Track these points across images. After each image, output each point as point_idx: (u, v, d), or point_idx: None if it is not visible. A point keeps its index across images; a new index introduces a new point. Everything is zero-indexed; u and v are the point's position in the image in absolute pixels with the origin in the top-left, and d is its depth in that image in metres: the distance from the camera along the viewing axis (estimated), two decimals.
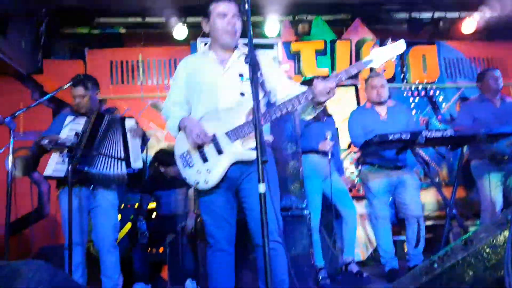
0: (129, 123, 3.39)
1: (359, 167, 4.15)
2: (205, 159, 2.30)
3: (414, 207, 3.76)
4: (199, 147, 2.31)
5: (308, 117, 2.40)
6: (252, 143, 2.29)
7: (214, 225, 2.38)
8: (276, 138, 2.99)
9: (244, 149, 2.26)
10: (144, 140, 3.46)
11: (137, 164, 3.28)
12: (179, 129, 2.42)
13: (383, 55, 2.21)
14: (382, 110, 3.92)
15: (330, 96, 2.17)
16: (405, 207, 3.79)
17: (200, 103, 2.40)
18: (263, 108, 2.40)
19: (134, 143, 3.33)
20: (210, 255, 2.41)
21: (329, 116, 4.18)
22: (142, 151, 3.47)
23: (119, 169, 3.25)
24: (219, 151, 2.28)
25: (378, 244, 3.94)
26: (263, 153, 1.68)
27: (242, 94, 2.30)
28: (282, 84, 2.42)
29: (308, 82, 3.01)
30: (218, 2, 2.35)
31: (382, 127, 3.73)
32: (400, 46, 2.21)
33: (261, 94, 2.34)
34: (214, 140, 2.29)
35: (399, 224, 3.94)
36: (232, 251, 2.41)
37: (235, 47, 2.42)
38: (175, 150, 2.43)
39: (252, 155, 2.17)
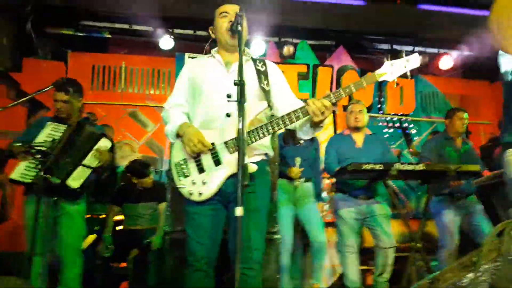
0: (102, 144, 3.18)
1: (331, 194, 4.19)
2: (201, 170, 2.19)
3: (385, 237, 3.75)
4: (196, 156, 2.20)
5: (306, 136, 2.30)
6: (253, 155, 2.25)
7: (197, 240, 2.20)
8: None
9: None
10: (104, 168, 3.25)
11: (71, 183, 3.05)
12: (178, 136, 2.28)
13: (396, 68, 2.14)
14: (359, 138, 3.96)
15: (326, 116, 2.07)
16: (376, 237, 3.82)
17: (201, 106, 2.29)
18: (264, 120, 2.32)
19: (88, 163, 3.12)
20: (188, 275, 2.23)
21: (307, 140, 4.15)
22: (99, 176, 3.33)
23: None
24: (217, 162, 2.17)
25: (344, 274, 3.87)
26: (244, 177, 1.68)
27: (228, 115, 2.20)
28: (286, 101, 2.33)
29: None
30: (221, 5, 2.34)
31: (357, 155, 3.79)
32: (414, 59, 2.16)
33: (264, 104, 2.24)
34: (212, 149, 2.18)
35: (362, 254, 3.94)
36: (212, 274, 2.23)
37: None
38: (171, 157, 2.31)
39: (252, 168, 2.10)
